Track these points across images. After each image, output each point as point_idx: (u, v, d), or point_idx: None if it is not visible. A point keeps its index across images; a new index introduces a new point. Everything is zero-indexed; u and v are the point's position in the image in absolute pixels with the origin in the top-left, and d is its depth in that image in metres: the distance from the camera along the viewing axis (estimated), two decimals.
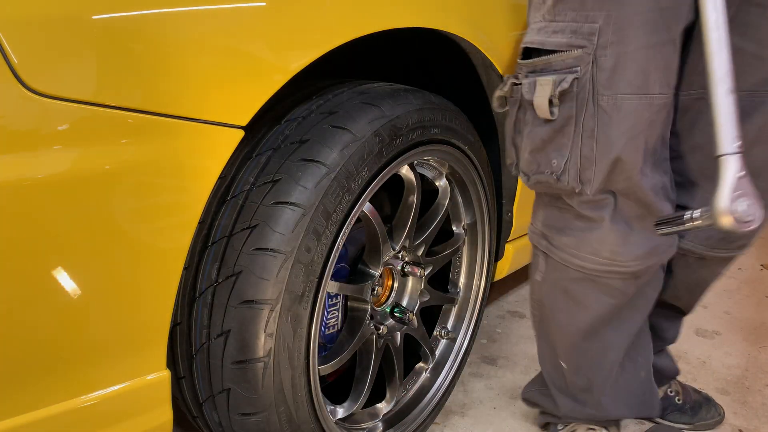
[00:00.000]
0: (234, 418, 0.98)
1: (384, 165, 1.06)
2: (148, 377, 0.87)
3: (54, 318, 0.76)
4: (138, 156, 0.78)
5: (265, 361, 0.93)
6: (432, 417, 1.39)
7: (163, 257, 0.84)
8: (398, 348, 1.28)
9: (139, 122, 0.78)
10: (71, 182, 0.73)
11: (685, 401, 1.50)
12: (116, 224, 0.78)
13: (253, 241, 0.92)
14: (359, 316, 1.20)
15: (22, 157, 0.70)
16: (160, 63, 0.79)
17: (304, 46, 0.93)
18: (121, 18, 0.76)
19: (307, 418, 1.03)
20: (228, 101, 0.86)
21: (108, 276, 0.80)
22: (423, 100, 1.14)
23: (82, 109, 0.73)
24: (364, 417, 1.26)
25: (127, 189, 0.78)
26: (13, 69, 0.68)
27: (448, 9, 1.17)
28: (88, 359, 0.81)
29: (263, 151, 0.99)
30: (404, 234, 1.23)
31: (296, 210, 0.93)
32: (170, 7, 0.80)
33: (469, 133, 1.29)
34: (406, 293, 1.33)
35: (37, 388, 0.77)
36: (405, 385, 1.36)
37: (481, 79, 1.37)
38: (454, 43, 1.29)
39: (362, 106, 1.04)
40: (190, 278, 0.96)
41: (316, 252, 0.96)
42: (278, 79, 0.90)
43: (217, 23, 0.84)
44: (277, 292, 0.92)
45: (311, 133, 0.99)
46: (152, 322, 0.86)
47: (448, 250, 1.39)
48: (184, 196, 0.84)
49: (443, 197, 1.33)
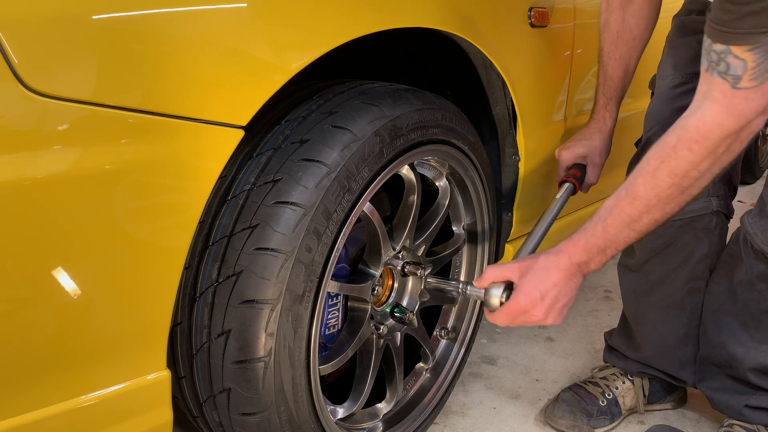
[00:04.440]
0: (234, 418, 0.98)
1: (384, 165, 1.06)
2: (148, 377, 0.87)
3: (54, 318, 0.76)
4: (138, 156, 0.78)
5: (265, 361, 0.93)
6: (432, 417, 1.39)
7: (163, 257, 0.84)
8: (398, 348, 1.28)
9: (140, 122, 0.78)
10: (71, 182, 0.73)
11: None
12: (116, 224, 0.78)
13: (253, 241, 0.92)
14: (359, 316, 1.20)
15: (22, 157, 0.70)
16: (160, 63, 0.79)
17: (304, 46, 0.93)
18: (121, 18, 0.76)
19: (307, 417, 1.03)
20: (228, 101, 0.86)
21: (108, 276, 0.79)
22: (423, 100, 1.14)
23: (82, 109, 0.73)
24: (364, 417, 1.26)
25: (127, 189, 0.78)
26: (13, 69, 0.68)
27: (448, 9, 1.17)
28: (88, 359, 0.81)
29: (264, 151, 0.99)
30: (404, 234, 1.23)
31: (297, 210, 0.93)
32: (170, 7, 0.80)
33: (470, 134, 1.29)
34: (407, 293, 1.33)
35: (37, 388, 0.77)
36: (405, 385, 1.36)
37: (481, 79, 1.38)
38: (454, 43, 1.29)
39: (363, 106, 1.04)
40: (190, 278, 0.96)
41: (316, 252, 0.96)
42: (278, 79, 0.90)
43: (218, 23, 0.84)
44: (277, 292, 0.92)
45: (312, 133, 0.99)
46: (152, 321, 0.86)
47: (448, 251, 1.38)
48: (185, 196, 0.84)
49: (443, 197, 1.33)
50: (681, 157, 1.00)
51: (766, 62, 0.92)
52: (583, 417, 1.43)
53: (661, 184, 1.02)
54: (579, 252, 1.09)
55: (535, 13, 1.39)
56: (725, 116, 0.97)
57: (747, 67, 0.93)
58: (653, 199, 1.03)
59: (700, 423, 1.51)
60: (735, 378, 1.34)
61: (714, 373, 1.39)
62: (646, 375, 1.49)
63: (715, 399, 1.39)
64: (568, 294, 1.12)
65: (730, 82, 0.95)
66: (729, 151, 1.00)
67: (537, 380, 1.65)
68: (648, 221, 1.05)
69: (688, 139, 1.00)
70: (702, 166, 1.00)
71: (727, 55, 0.94)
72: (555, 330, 1.91)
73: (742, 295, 1.31)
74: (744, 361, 1.31)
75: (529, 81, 1.41)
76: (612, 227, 1.07)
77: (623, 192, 1.06)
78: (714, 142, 0.98)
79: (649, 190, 1.03)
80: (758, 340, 1.29)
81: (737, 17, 0.90)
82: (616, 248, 1.09)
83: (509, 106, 1.39)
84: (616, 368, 1.53)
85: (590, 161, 1.45)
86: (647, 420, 1.51)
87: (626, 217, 1.06)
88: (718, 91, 0.97)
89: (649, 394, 1.52)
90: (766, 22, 0.89)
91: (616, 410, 1.47)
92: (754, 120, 0.97)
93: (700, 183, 1.02)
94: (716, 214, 1.38)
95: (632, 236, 1.08)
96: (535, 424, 1.47)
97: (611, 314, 2.02)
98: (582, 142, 1.45)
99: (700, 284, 1.40)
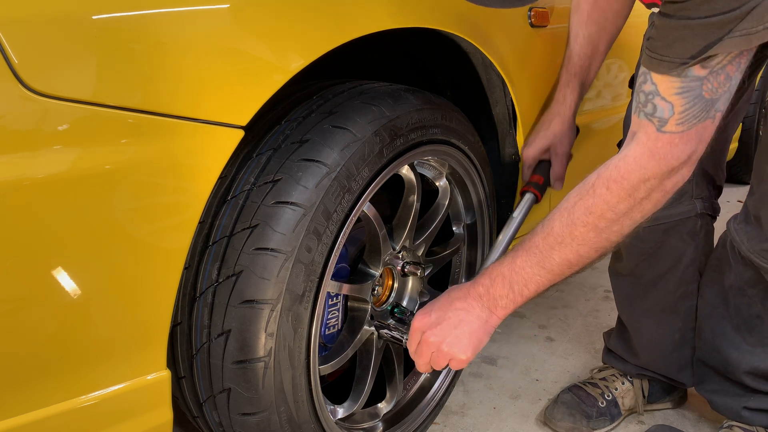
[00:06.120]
0: (234, 418, 0.98)
1: (384, 165, 1.06)
2: (148, 377, 0.87)
3: (54, 318, 0.76)
4: (138, 156, 0.78)
5: (265, 361, 0.93)
6: (432, 417, 1.39)
7: (163, 257, 0.84)
8: (398, 348, 1.28)
9: (139, 122, 0.78)
10: (71, 182, 0.73)
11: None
12: (116, 224, 0.78)
13: (253, 241, 0.92)
14: (359, 316, 1.20)
15: (22, 157, 0.70)
16: (160, 63, 0.79)
17: (304, 46, 0.93)
18: (121, 18, 0.76)
19: (307, 417, 1.03)
20: (228, 101, 0.86)
21: (108, 276, 0.79)
22: (423, 100, 1.14)
23: (82, 109, 0.73)
24: (364, 417, 1.26)
25: (127, 189, 0.78)
26: (13, 69, 0.68)
27: (448, 9, 1.17)
28: (88, 359, 0.81)
29: (264, 151, 0.99)
30: (404, 234, 1.23)
31: (297, 210, 0.93)
32: (170, 7, 0.80)
33: (469, 134, 1.29)
34: (407, 293, 1.33)
35: (37, 388, 0.77)
36: (405, 385, 1.36)
37: (481, 79, 1.38)
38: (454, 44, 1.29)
39: (363, 106, 1.04)
40: (190, 278, 0.96)
41: (316, 252, 0.96)
42: (278, 79, 0.90)
43: (217, 23, 0.84)
44: (277, 292, 0.92)
45: (312, 133, 0.99)
46: (152, 321, 0.86)
47: (448, 251, 1.38)
48: (185, 196, 0.84)
49: (443, 197, 1.33)
50: (598, 195, 0.97)
51: (695, 108, 0.90)
52: (583, 419, 1.43)
53: (576, 221, 0.99)
54: (484, 279, 1.06)
55: (535, 13, 1.39)
56: (647, 159, 0.94)
57: (674, 111, 0.91)
58: (567, 237, 0.99)
59: (700, 423, 1.51)
60: (732, 381, 1.34)
61: (711, 375, 1.39)
62: (645, 377, 1.50)
63: (714, 401, 1.39)
64: (466, 322, 1.06)
65: (656, 125, 0.93)
66: (649, 199, 0.96)
67: (537, 380, 1.65)
68: (559, 260, 1.01)
69: (607, 177, 0.97)
70: (619, 208, 0.96)
71: (654, 97, 0.92)
72: (555, 330, 1.91)
73: (733, 300, 1.31)
74: (739, 364, 1.31)
75: (529, 81, 1.41)
76: (520, 259, 1.03)
77: (539, 227, 1.03)
78: (632, 183, 0.95)
79: (564, 226, 1.00)
80: (752, 344, 1.29)
81: (665, 44, 0.88)
82: (524, 286, 1.03)
83: (509, 106, 1.39)
84: (615, 369, 1.53)
85: (554, 152, 1.38)
86: (647, 420, 1.51)
87: (537, 252, 1.02)
88: (643, 133, 0.94)
89: (648, 395, 1.52)
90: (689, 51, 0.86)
91: (615, 411, 1.47)
92: (678, 168, 0.94)
93: (618, 228, 0.98)
94: (701, 217, 1.37)
95: (541, 274, 1.02)
96: (535, 424, 1.47)
97: (611, 314, 2.01)
98: (542, 133, 1.38)
99: (691, 288, 1.40)
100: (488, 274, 1.07)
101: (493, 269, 1.06)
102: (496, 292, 1.05)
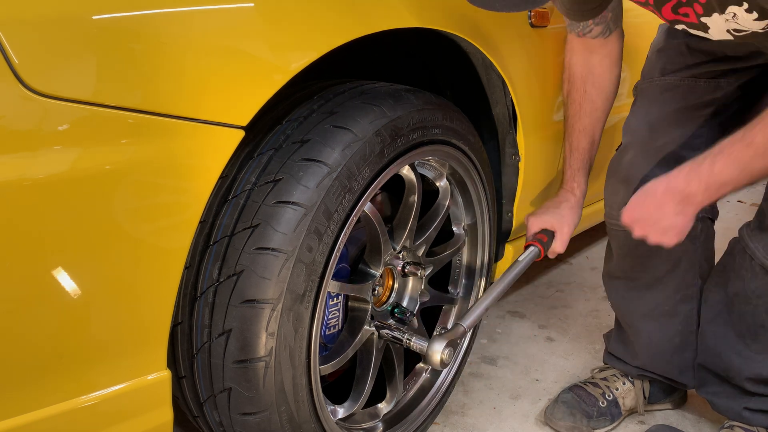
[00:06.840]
0: (235, 418, 0.98)
1: (385, 165, 1.06)
2: (148, 377, 0.86)
3: (54, 318, 0.76)
4: (138, 156, 0.78)
5: (266, 361, 0.93)
6: (432, 417, 1.38)
7: (164, 257, 0.84)
8: (398, 348, 1.28)
9: (140, 122, 0.77)
10: (71, 182, 0.73)
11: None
12: (117, 224, 0.78)
13: (254, 241, 0.92)
14: (360, 316, 1.20)
15: (22, 157, 0.70)
16: (160, 63, 0.79)
17: (305, 46, 0.93)
18: (122, 18, 0.76)
19: (307, 417, 1.03)
20: (228, 101, 0.85)
21: (108, 276, 0.79)
22: (424, 101, 1.14)
23: (82, 109, 0.73)
24: (364, 417, 1.26)
25: (128, 189, 0.78)
26: (13, 69, 0.68)
27: (449, 9, 1.17)
28: (88, 359, 0.80)
29: (264, 151, 0.99)
30: (405, 234, 1.23)
31: (298, 209, 0.93)
32: (170, 7, 0.80)
33: (470, 134, 1.29)
34: (407, 293, 1.33)
35: (37, 388, 0.77)
36: (405, 385, 1.36)
37: (481, 80, 1.38)
38: (454, 44, 1.29)
39: (363, 106, 1.04)
40: (191, 278, 0.95)
41: (317, 251, 0.96)
42: (278, 79, 0.90)
43: (218, 23, 0.84)
44: (278, 292, 0.92)
45: (313, 132, 0.99)
46: (153, 321, 0.86)
47: (448, 251, 1.38)
48: (185, 196, 0.84)
49: (444, 197, 1.33)
50: None
51: None
52: (583, 418, 1.43)
53: None
54: (681, 178, 1.11)
55: (535, 13, 1.39)
56: None
57: None
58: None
59: (701, 423, 1.51)
60: (733, 385, 1.35)
61: (712, 379, 1.39)
62: (646, 377, 1.49)
63: (715, 402, 1.39)
64: (668, 214, 1.13)
65: None
66: None
67: (537, 380, 1.65)
68: (760, 168, 1.05)
69: None
70: None
71: None
72: (555, 330, 1.91)
73: (737, 307, 1.31)
74: (741, 370, 1.31)
75: (530, 81, 1.41)
76: (719, 164, 1.07)
77: (739, 135, 1.06)
78: None
79: (767, 138, 1.03)
80: (755, 351, 1.29)
81: None
82: (720, 185, 1.09)
83: (509, 106, 1.39)
84: (616, 369, 1.53)
85: (558, 230, 1.42)
86: (647, 420, 1.51)
87: (737, 159, 1.06)
88: None
89: (649, 395, 1.52)
90: None
91: (616, 411, 1.47)
92: None
93: None
94: (701, 221, 1.37)
95: (739, 179, 1.07)
96: (535, 424, 1.47)
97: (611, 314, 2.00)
98: (551, 211, 1.42)
99: (692, 291, 1.40)
100: (684, 172, 1.12)
101: (690, 169, 1.11)
102: (693, 191, 1.11)
